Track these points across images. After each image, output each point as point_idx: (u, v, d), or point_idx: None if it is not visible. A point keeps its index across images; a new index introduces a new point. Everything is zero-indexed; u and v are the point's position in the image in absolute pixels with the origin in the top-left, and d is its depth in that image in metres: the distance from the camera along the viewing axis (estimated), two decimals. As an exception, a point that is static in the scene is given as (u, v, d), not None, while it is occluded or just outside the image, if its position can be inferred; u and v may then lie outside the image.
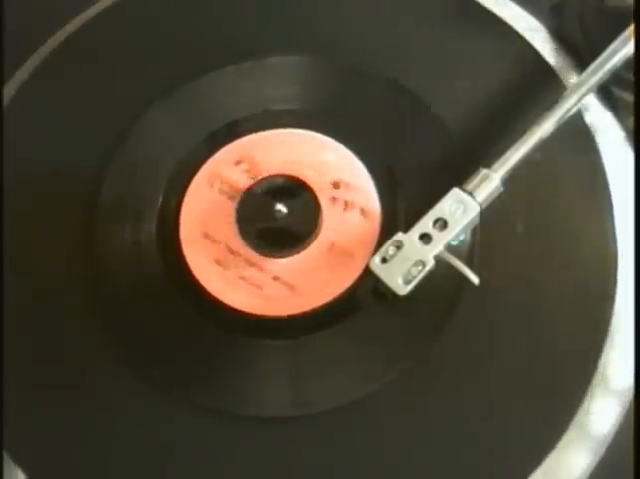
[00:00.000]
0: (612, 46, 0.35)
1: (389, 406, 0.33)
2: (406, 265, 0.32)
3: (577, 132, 0.37)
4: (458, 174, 0.34)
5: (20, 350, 0.35)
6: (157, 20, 0.42)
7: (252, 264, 0.36)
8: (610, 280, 0.34)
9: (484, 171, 0.33)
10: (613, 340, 0.33)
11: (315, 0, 0.42)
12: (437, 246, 0.33)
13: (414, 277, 0.32)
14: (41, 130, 0.40)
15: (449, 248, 0.33)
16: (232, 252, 0.36)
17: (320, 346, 0.34)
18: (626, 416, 0.32)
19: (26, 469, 0.34)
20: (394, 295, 0.32)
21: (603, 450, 0.32)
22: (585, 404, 0.32)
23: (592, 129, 0.37)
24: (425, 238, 0.33)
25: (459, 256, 0.33)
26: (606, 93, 0.37)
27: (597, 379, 0.33)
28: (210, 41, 0.41)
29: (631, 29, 0.35)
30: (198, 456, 0.33)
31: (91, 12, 0.42)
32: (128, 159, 0.39)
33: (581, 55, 0.38)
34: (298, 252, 0.35)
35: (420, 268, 0.32)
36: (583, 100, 0.35)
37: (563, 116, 0.34)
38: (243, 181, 0.37)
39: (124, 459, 0.34)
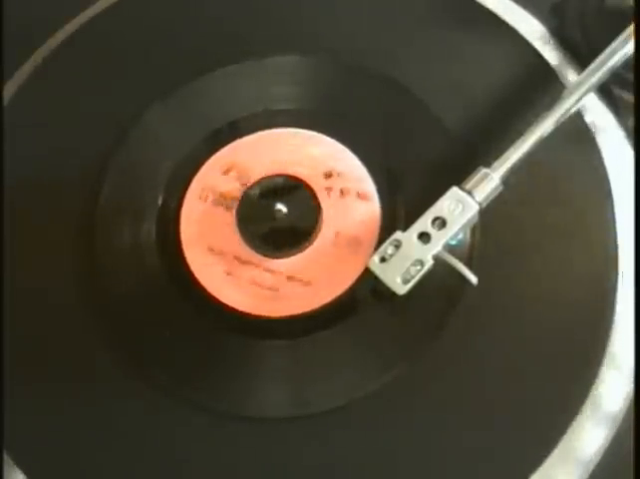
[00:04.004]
0: (612, 46, 0.35)
1: (388, 406, 0.33)
2: (405, 264, 0.32)
3: (577, 131, 0.37)
4: (457, 173, 0.34)
5: (20, 351, 0.35)
6: (157, 20, 0.42)
7: (261, 268, 0.36)
8: (611, 279, 0.34)
9: (484, 170, 0.33)
10: (613, 339, 0.33)
11: (315, 0, 0.42)
12: (436, 246, 0.33)
13: (413, 276, 0.32)
14: (41, 130, 0.40)
15: (448, 248, 0.33)
16: (240, 260, 0.36)
17: (320, 346, 0.34)
18: (615, 437, 0.32)
19: (26, 470, 0.34)
20: (393, 294, 0.32)
21: (589, 471, 0.32)
22: (578, 418, 0.32)
23: (592, 129, 0.37)
24: (424, 237, 0.33)
25: (459, 256, 0.33)
26: (606, 93, 0.37)
27: (595, 381, 0.33)
28: (210, 41, 0.41)
29: (631, 29, 0.35)
30: (198, 456, 0.33)
31: (91, 12, 0.43)
32: (128, 159, 0.39)
33: (581, 55, 0.38)
34: (305, 248, 0.36)
35: (419, 267, 0.32)
36: (583, 100, 0.35)
37: (563, 115, 0.34)
38: (235, 188, 0.37)
39: (124, 459, 0.34)
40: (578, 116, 0.36)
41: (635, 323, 0.33)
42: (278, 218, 0.35)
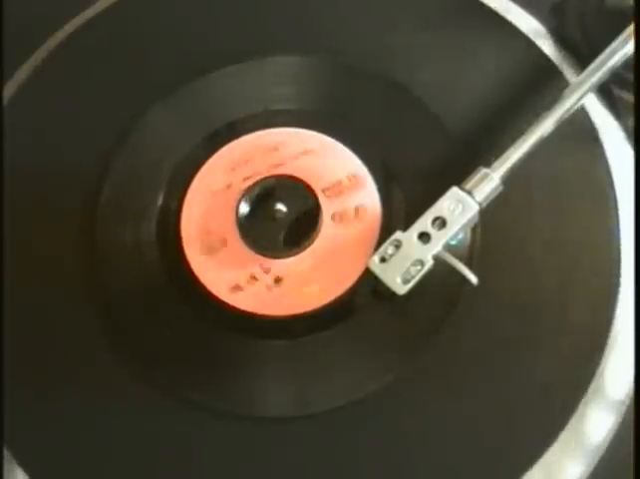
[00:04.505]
0: (612, 46, 0.35)
1: (389, 406, 0.33)
2: (405, 264, 0.32)
3: (579, 131, 0.37)
4: (457, 173, 0.34)
5: (20, 350, 0.35)
6: (157, 20, 0.42)
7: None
8: (612, 278, 0.34)
9: (484, 170, 0.33)
10: (614, 339, 0.33)
11: (315, 0, 0.42)
12: (436, 246, 0.33)
13: (413, 276, 0.32)
14: (41, 130, 0.40)
15: (448, 248, 0.33)
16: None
17: (320, 346, 0.34)
18: (621, 424, 0.32)
19: (27, 468, 0.34)
20: (393, 294, 0.32)
21: (597, 459, 0.32)
22: (581, 408, 0.32)
23: (594, 128, 0.37)
24: (424, 237, 0.33)
25: (459, 256, 0.33)
26: (606, 93, 0.37)
27: (595, 384, 0.33)
28: (210, 41, 0.41)
29: (631, 29, 0.35)
30: (198, 456, 0.33)
31: (91, 12, 0.43)
32: (128, 159, 0.39)
33: (581, 55, 0.38)
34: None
35: (419, 267, 0.32)
36: (583, 100, 0.35)
37: (563, 115, 0.34)
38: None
39: (124, 459, 0.34)
40: (580, 115, 0.36)
41: (635, 323, 0.33)
42: (278, 218, 0.36)
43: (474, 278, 0.32)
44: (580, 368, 0.33)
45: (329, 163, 0.37)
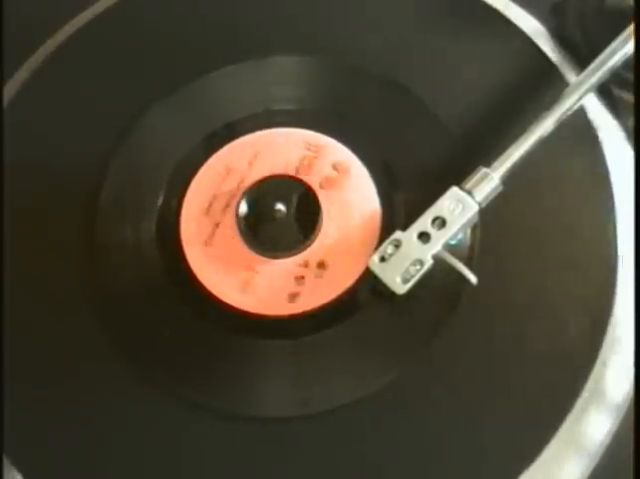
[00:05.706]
0: (612, 46, 0.35)
1: (389, 406, 0.33)
2: (404, 264, 0.33)
3: (579, 131, 0.37)
4: (457, 173, 0.34)
5: (20, 350, 0.35)
6: (157, 20, 0.42)
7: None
8: (611, 280, 0.34)
9: (484, 170, 0.34)
10: (613, 340, 0.33)
11: (316, 0, 0.42)
12: (435, 245, 0.33)
13: (412, 276, 0.32)
14: (41, 130, 0.40)
15: (448, 248, 0.33)
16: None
17: (320, 346, 0.34)
18: (621, 425, 0.32)
19: (24, 471, 0.34)
20: (392, 294, 0.32)
21: (596, 460, 0.32)
22: (581, 404, 0.32)
23: (594, 128, 0.37)
24: (424, 236, 0.33)
25: (459, 256, 0.33)
26: (606, 93, 0.37)
27: (594, 382, 0.33)
28: (210, 41, 0.41)
29: (631, 29, 0.35)
30: (198, 456, 0.33)
31: (91, 12, 0.43)
32: (128, 159, 0.39)
33: (581, 55, 0.38)
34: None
35: (418, 267, 0.32)
36: (583, 99, 0.35)
37: (562, 115, 0.34)
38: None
39: (123, 459, 0.34)
40: (580, 115, 0.36)
41: (635, 324, 0.33)
42: (278, 218, 0.36)
43: (473, 278, 0.32)
44: (580, 367, 0.33)
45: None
